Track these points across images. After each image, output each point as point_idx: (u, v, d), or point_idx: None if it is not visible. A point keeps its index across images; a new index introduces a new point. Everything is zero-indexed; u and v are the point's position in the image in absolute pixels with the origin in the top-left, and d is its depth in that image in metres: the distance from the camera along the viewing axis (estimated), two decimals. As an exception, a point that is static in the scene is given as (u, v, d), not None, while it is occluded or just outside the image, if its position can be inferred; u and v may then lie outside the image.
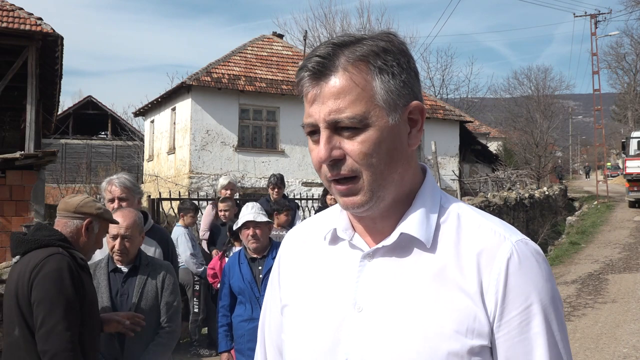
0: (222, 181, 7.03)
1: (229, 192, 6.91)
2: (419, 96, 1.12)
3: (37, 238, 2.59)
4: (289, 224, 5.80)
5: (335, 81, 1.05)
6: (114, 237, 3.06)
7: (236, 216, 6.47)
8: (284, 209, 5.79)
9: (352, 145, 1.05)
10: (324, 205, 7.12)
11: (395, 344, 1.06)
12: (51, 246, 2.55)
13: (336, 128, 1.06)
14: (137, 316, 2.90)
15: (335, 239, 1.19)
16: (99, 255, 3.32)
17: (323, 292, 1.16)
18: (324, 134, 1.06)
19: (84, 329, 2.52)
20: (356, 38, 1.09)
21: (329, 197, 6.85)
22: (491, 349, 1.06)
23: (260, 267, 3.96)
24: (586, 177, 51.66)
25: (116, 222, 2.93)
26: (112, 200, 3.51)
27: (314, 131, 1.09)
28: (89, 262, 3.36)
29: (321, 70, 1.06)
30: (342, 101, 1.05)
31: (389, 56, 1.07)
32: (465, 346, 1.04)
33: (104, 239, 3.01)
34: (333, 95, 1.05)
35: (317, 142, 1.08)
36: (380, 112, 1.06)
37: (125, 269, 3.11)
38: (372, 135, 1.05)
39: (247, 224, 3.97)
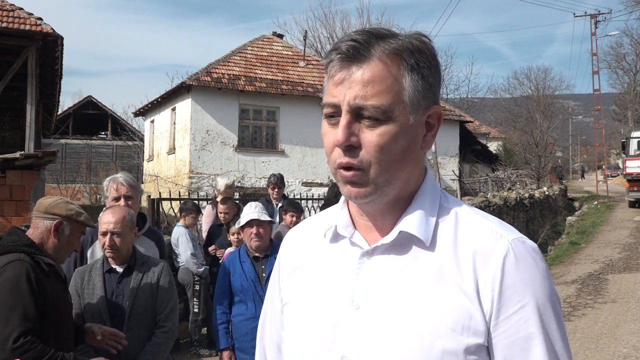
0: (220, 183, 6.96)
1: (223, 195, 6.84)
2: (439, 102, 1.14)
3: (2, 244, 2.59)
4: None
5: (367, 68, 1.05)
6: (104, 234, 3.06)
7: (235, 217, 6.47)
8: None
9: (370, 136, 1.05)
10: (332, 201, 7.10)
11: (391, 341, 1.06)
12: (15, 252, 2.54)
13: (358, 115, 1.05)
14: (118, 335, 2.84)
15: (335, 236, 1.19)
16: (100, 254, 3.33)
17: (322, 289, 1.17)
18: (344, 118, 1.05)
19: (48, 335, 2.52)
20: (391, 32, 1.09)
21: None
22: (488, 348, 1.06)
23: (263, 266, 3.98)
24: (582, 178, 51.50)
25: (92, 225, 2.90)
26: (117, 199, 3.50)
27: (333, 114, 1.08)
28: (88, 263, 3.36)
29: (355, 55, 1.05)
30: (371, 89, 1.04)
31: (422, 57, 1.08)
32: (460, 344, 1.04)
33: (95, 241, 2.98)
34: (362, 82, 1.04)
35: (333, 125, 1.08)
36: (404, 108, 1.06)
37: (120, 269, 3.09)
38: (392, 130, 1.05)
39: (251, 222, 4.00)
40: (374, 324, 1.08)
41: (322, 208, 7.39)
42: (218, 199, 6.73)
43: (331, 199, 6.97)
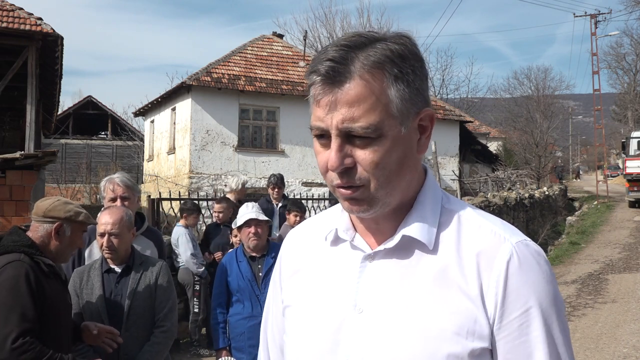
0: (236, 181, 6.91)
1: (236, 194, 6.80)
2: (428, 101, 1.10)
3: (3, 244, 2.58)
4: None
5: (350, 88, 1.01)
6: (102, 235, 3.06)
7: (232, 217, 6.45)
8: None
9: (364, 155, 1.03)
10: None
11: (395, 346, 1.05)
12: (15, 252, 2.54)
13: (348, 136, 1.03)
14: (114, 332, 2.84)
15: (336, 239, 1.18)
16: (97, 254, 3.33)
17: (324, 293, 1.16)
18: (335, 142, 1.03)
19: (46, 334, 2.51)
20: (369, 39, 1.04)
21: None
22: (491, 352, 1.05)
23: (260, 266, 4.01)
24: (576, 178, 51.34)
25: (92, 223, 2.89)
26: (114, 199, 3.50)
27: (322, 134, 1.06)
28: (85, 263, 3.36)
29: (335, 76, 1.02)
30: (357, 110, 1.01)
31: (405, 63, 1.04)
32: (465, 349, 1.03)
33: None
34: (347, 103, 1.01)
35: (324, 145, 1.06)
36: (393, 121, 1.03)
37: (118, 269, 3.09)
38: (385, 145, 1.03)
39: (249, 222, 4.02)
40: (377, 328, 1.07)
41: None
42: (232, 197, 6.71)
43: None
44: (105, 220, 3.07)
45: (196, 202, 8.02)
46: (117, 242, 3.05)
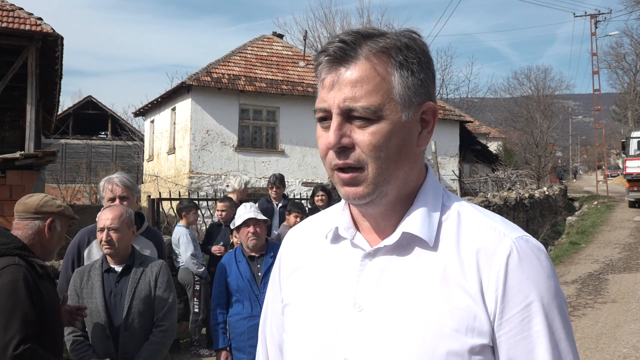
0: (238, 181, 6.91)
1: (238, 194, 6.80)
2: (433, 98, 1.12)
3: None
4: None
5: (355, 69, 1.04)
6: (101, 230, 3.06)
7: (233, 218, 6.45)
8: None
9: (363, 136, 1.04)
10: (312, 206, 7.15)
11: (394, 344, 1.05)
12: (8, 255, 2.49)
13: (349, 116, 1.05)
14: (81, 307, 2.90)
15: (336, 237, 1.18)
16: (96, 255, 3.33)
17: (323, 291, 1.15)
18: (335, 120, 1.05)
19: (44, 337, 2.50)
20: (380, 32, 1.08)
21: (316, 197, 6.90)
22: (493, 348, 1.05)
23: (259, 266, 4.01)
24: (573, 179, 51.37)
25: (75, 217, 2.89)
26: (112, 199, 3.50)
27: (325, 117, 1.08)
28: (85, 263, 3.36)
29: (342, 56, 1.05)
30: (359, 90, 1.04)
31: (411, 53, 1.07)
32: (465, 345, 1.03)
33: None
34: (350, 83, 1.04)
35: (326, 128, 1.07)
36: (394, 106, 1.05)
37: (118, 269, 3.10)
38: (384, 128, 1.04)
39: (247, 222, 4.02)
40: (376, 326, 1.07)
41: (310, 212, 7.40)
42: (234, 197, 6.71)
43: (313, 204, 7.06)
44: (105, 216, 3.08)
45: (195, 201, 8.02)
46: (116, 237, 3.05)
